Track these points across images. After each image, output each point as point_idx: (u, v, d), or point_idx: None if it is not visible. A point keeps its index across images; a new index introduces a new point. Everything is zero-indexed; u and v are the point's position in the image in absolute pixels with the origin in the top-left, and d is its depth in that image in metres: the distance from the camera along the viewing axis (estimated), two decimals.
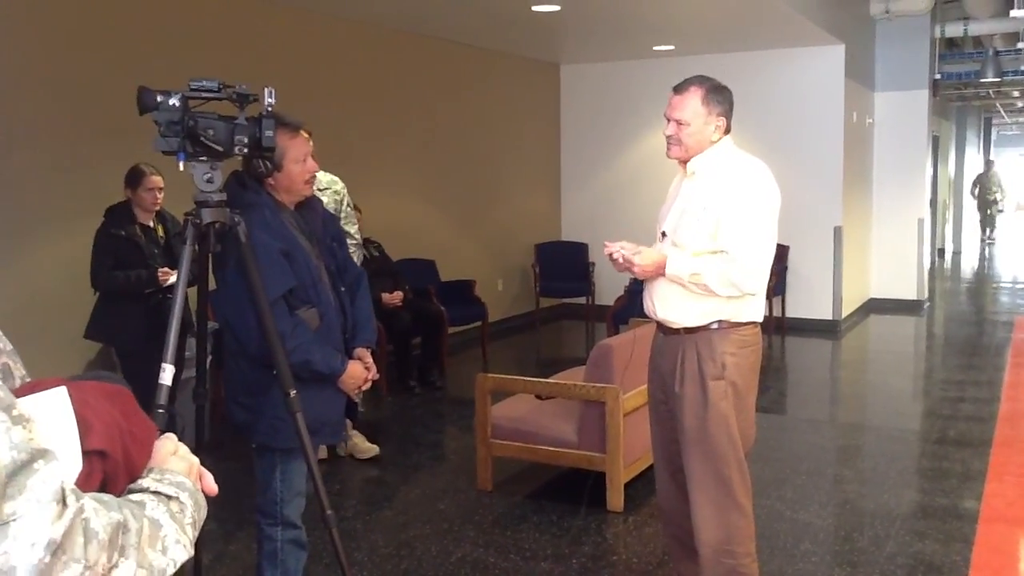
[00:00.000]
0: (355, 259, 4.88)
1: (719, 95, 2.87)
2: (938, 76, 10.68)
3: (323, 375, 2.76)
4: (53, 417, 0.92)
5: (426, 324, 6.85)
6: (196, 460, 1.12)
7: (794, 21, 7.70)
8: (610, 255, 2.91)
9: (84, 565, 0.84)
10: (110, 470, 0.98)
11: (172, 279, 4.29)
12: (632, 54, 9.51)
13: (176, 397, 2.51)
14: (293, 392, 2.54)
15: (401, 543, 4.00)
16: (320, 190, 4.81)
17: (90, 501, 0.88)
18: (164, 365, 2.34)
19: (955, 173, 18.24)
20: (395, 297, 6.43)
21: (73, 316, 4.67)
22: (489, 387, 4.58)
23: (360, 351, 2.92)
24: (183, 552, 0.99)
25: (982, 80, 11.75)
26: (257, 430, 2.78)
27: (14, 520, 0.79)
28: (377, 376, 3.00)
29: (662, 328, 3.02)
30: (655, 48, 9.09)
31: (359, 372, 2.86)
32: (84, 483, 0.93)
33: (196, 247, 2.50)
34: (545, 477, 4.76)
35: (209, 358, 2.92)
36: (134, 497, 0.99)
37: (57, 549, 0.81)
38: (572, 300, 9.97)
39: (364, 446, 5.11)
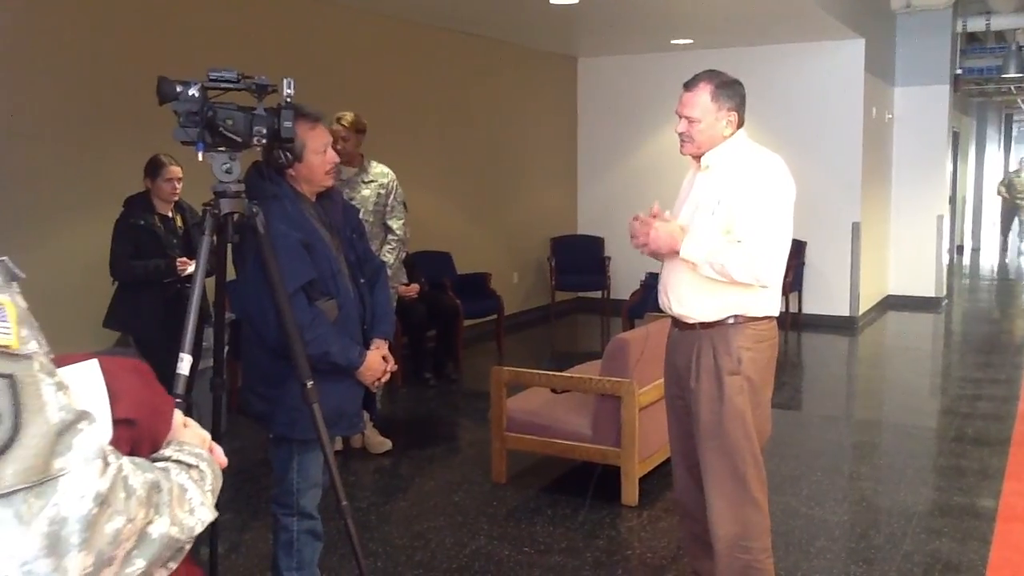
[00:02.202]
0: (395, 256, 4.92)
1: (729, 90, 2.85)
2: (959, 71, 10.60)
3: (341, 367, 2.77)
4: (86, 387, 0.98)
5: (441, 317, 6.86)
6: (207, 433, 1.19)
7: (814, 15, 7.65)
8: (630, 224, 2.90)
9: (126, 518, 0.90)
10: (136, 438, 1.04)
11: (190, 269, 4.31)
12: (650, 48, 9.47)
13: (193, 387, 2.52)
14: (310, 383, 2.54)
15: (415, 534, 4.01)
16: (366, 182, 4.84)
17: (127, 461, 0.94)
18: (182, 355, 2.35)
19: (975, 169, 18.08)
20: (411, 289, 6.42)
21: (92, 305, 4.70)
22: (504, 380, 4.57)
23: (378, 342, 2.92)
24: (208, 513, 1.05)
25: (1004, 76, 11.63)
26: (275, 421, 2.79)
27: (63, 475, 0.85)
28: (395, 368, 3.00)
29: (677, 323, 3.00)
30: (673, 42, 9.05)
31: (377, 364, 2.86)
32: None
33: (215, 237, 2.51)
34: (560, 470, 4.76)
35: (226, 348, 2.93)
36: (159, 464, 1.05)
37: (103, 502, 0.87)
38: (588, 294, 9.96)
39: (377, 440, 5.12)
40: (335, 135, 4.63)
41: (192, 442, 1.14)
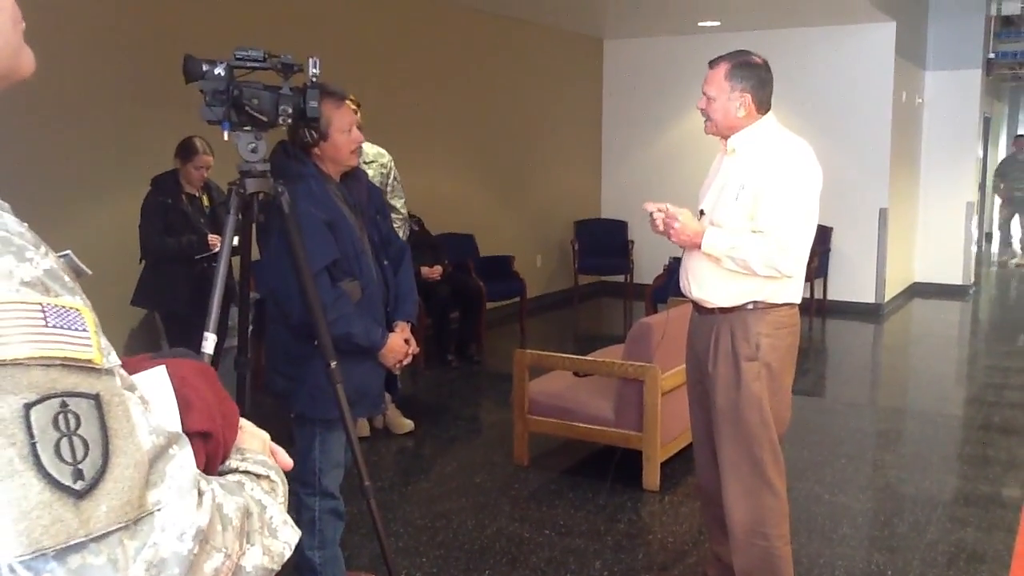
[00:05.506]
0: (400, 234, 4.92)
1: (744, 71, 2.82)
2: (992, 55, 10.41)
3: (363, 348, 2.77)
4: (155, 399, 0.85)
5: (465, 298, 6.87)
6: (266, 434, 1.06)
7: None
8: (650, 215, 2.86)
9: (224, 554, 0.79)
10: (210, 453, 0.92)
11: None
12: (677, 29, 9.38)
13: (218, 366, 2.54)
14: (334, 363, 2.55)
15: (437, 515, 4.03)
16: (366, 163, 4.83)
17: (217, 486, 0.83)
18: (207, 334, 2.36)
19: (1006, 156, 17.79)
20: (435, 271, 6.44)
21: (118, 283, 4.73)
22: (527, 363, 4.57)
23: (400, 325, 2.92)
24: (293, 533, 0.92)
25: None
26: (297, 400, 2.81)
27: (159, 510, 0.73)
28: (417, 350, 3.00)
29: (697, 307, 2.99)
30: (700, 24, 8.95)
31: (399, 346, 2.86)
32: None
33: (240, 216, 2.51)
34: (581, 454, 4.76)
35: (250, 327, 2.94)
36: (231, 478, 0.92)
37: (203, 539, 0.76)
38: (611, 278, 9.92)
39: (399, 421, 5.14)
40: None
41: (255, 447, 1.01)
